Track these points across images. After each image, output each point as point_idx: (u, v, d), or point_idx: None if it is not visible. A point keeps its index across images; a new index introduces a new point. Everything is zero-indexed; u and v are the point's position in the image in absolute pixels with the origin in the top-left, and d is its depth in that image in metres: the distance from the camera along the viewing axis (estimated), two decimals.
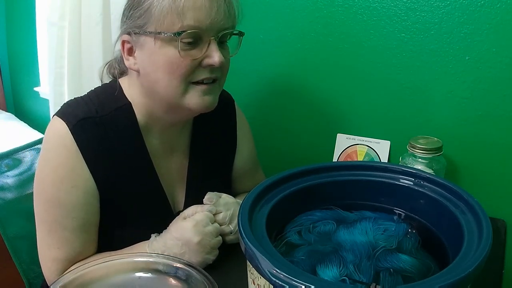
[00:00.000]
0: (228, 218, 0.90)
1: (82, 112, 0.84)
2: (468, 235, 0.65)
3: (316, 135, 1.33)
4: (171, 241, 0.85)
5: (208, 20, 0.78)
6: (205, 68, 0.82)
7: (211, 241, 0.85)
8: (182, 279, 0.79)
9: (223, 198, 0.92)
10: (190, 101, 0.83)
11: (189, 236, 0.83)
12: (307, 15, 1.25)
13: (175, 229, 0.86)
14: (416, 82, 1.15)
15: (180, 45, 0.78)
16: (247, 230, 0.64)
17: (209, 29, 0.79)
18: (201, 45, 0.80)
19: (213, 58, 0.80)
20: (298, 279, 0.54)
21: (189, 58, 0.80)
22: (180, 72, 0.80)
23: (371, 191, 0.83)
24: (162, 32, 0.78)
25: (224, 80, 0.89)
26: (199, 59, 0.81)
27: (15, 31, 2.24)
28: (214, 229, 0.86)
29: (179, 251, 0.84)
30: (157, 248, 0.85)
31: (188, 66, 0.80)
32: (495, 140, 1.08)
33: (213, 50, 0.80)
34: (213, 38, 0.80)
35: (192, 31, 0.78)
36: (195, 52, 0.80)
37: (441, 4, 1.07)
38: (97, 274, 0.79)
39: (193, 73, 0.81)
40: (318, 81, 1.29)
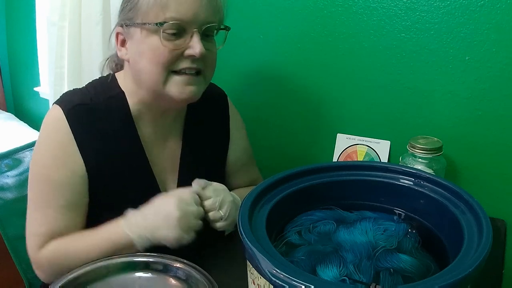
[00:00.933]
0: (218, 204, 0.89)
1: (78, 99, 0.89)
2: (468, 235, 0.65)
3: (316, 135, 1.33)
4: (150, 214, 0.84)
5: (191, 13, 0.83)
6: (187, 58, 0.85)
7: (191, 221, 0.83)
8: (182, 279, 0.79)
9: (213, 185, 0.91)
10: (170, 90, 0.86)
11: (170, 210, 0.82)
12: (307, 15, 1.25)
13: (158, 203, 0.85)
14: (416, 82, 1.15)
15: (163, 35, 0.82)
16: (247, 230, 0.64)
17: (192, 22, 0.83)
18: (185, 37, 0.84)
19: (194, 49, 0.83)
20: (298, 279, 0.55)
21: (171, 47, 0.83)
22: (162, 60, 0.84)
23: (371, 191, 0.83)
24: (147, 23, 0.83)
25: (210, 73, 0.92)
26: (181, 50, 0.84)
27: (15, 31, 2.24)
28: (197, 210, 0.85)
29: (155, 224, 0.82)
30: (134, 222, 0.84)
31: (170, 55, 0.84)
32: (495, 140, 1.08)
33: (195, 41, 0.84)
34: (196, 30, 0.84)
35: (174, 22, 0.82)
36: (177, 43, 0.84)
37: (441, 4, 1.07)
38: (97, 274, 0.79)
39: (175, 62, 0.85)
40: (318, 81, 1.29)
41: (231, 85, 1.44)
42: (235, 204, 0.92)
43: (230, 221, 0.90)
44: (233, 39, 1.39)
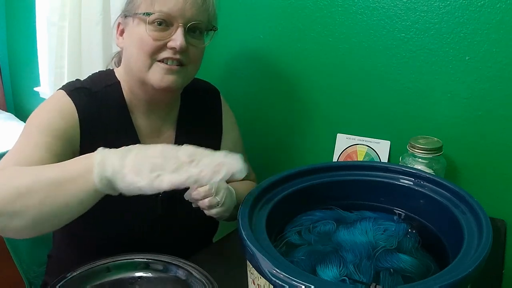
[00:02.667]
0: (214, 190, 0.89)
1: (79, 84, 0.95)
2: (468, 235, 0.65)
3: (316, 135, 1.33)
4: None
5: (176, 8, 0.89)
6: (169, 49, 0.90)
7: (168, 162, 0.69)
8: (182, 279, 0.79)
9: None
10: (152, 77, 0.91)
11: (152, 147, 0.72)
12: (307, 15, 1.25)
13: None
14: (416, 82, 1.15)
15: (149, 25, 0.89)
16: (247, 230, 0.64)
17: (178, 17, 0.89)
18: (170, 30, 0.90)
19: (176, 41, 0.89)
20: (298, 279, 0.55)
21: (155, 37, 0.89)
22: (147, 48, 0.89)
23: (371, 191, 0.83)
24: (138, 13, 0.90)
25: (193, 68, 0.96)
26: (165, 41, 0.90)
27: (15, 31, 2.24)
28: (180, 161, 0.69)
29: (125, 150, 0.72)
30: (106, 151, 0.73)
31: (154, 45, 0.89)
32: (495, 140, 1.08)
33: (178, 34, 0.89)
34: (181, 24, 0.89)
35: (159, 14, 0.88)
36: (162, 34, 0.90)
37: (441, 4, 1.07)
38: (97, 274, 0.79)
39: (159, 52, 0.90)
40: (318, 81, 1.29)
41: (231, 85, 1.44)
42: (230, 191, 0.94)
43: (225, 207, 0.92)
44: (234, 39, 1.39)
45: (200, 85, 1.11)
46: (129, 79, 0.96)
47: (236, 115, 1.45)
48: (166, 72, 0.91)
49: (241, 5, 1.34)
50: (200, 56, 0.97)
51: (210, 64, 1.46)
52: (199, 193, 0.88)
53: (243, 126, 1.44)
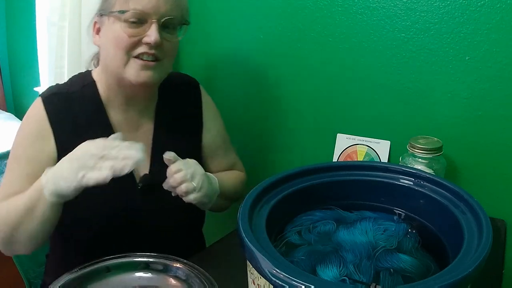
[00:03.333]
0: (190, 176, 0.92)
1: (55, 89, 1.00)
2: (468, 235, 0.65)
3: (316, 135, 1.33)
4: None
5: (150, 4, 0.91)
6: (144, 45, 0.93)
7: (87, 159, 0.81)
8: (182, 279, 0.79)
9: (184, 160, 0.95)
10: (128, 73, 0.94)
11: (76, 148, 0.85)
12: (307, 15, 1.25)
13: None
14: (416, 82, 1.15)
15: (124, 23, 0.92)
16: (247, 230, 0.64)
17: (152, 13, 0.92)
18: (145, 26, 0.93)
19: (150, 37, 0.92)
20: (298, 279, 0.54)
21: (131, 34, 0.92)
22: (123, 45, 0.92)
23: (371, 191, 0.83)
24: (113, 12, 0.93)
25: (168, 62, 0.99)
26: (140, 37, 0.92)
27: (15, 31, 2.24)
28: (98, 152, 0.81)
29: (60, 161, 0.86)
30: (50, 170, 0.87)
31: (130, 41, 0.92)
32: (495, 140, 1.08)
33: (152, 30, 0.92)
34: (155, 20, 0.92)
35: (134, 11, 0.91)
36: (137, 31, 0.92)
37: (441, 4, 1.07)
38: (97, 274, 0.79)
39: (134, 48, 0.93)
40: (318, 81, 1.29)
41: (232, 85, 1.44)
42: (208, 177, 0.97)
43: (203, 192, 0.94)
44: (234, 39, 1.39)
45: (178, 78, 1.13)
46: (107, 76, 0.99)
47: (236, 115, 1.45)
48: (142, 68, 0.93)
49: (241, 5, 1.34)
50: (174, 50, 0.99)
51: (210, 64, 1.46)
52: (176, 179, 0.91)
53: (243, 126, 1.45)
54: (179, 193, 0.92)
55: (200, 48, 1.46)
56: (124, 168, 0.80)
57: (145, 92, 1.02)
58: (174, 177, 0.91)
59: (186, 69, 1.49)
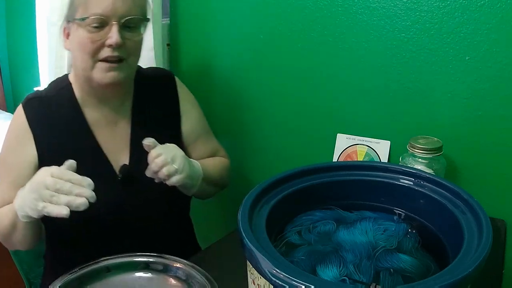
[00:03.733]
0: (171, 159, 0.95)
1: (33, 94, 1.05)
2: (468, 235, 0.65)
3: (316, 135, 1.33)
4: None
5: (109, 8, 0.94)
6: (108, 47, 0.96)
7: (41, 190, 0.84)
8: (182, 279, 0.79)
9: (164, 144, 0.98)
10: (95, 75, 0.97)
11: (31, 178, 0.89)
12: (307, 15, 1.25)
13: None
14: (416, 82, 1.15)
15: (86, 29, 0.95)
16: (247, 230, 0.64)
17: (112, 15, 0.94)
18: (106, 29, 0.95)
19: (112, 39, 0.94)
20: (298, 279, 0.54)
21: (94, 39, 0.95)
22: (88, 50, 0.96)
23: (371, 191, 0.83)
24: (76, 19, 0.96)
25: (133, 60, 1.02)
26: (103, 40, 0.95)
27: (15, 31, 2.24)
28: (51, 181, 0.84)
29: (22, 191, 0.89)
30: (20, 194, 0.90)
31: (94, 46, 0.95)
32: (495, 140, 1.08)
33: (113, 32, 0.95)
34: (115, 22, 0.94)
35: (94, 16, 0.93)
36: (100, 35, 0.95)
37: (441, 4, 1.07)
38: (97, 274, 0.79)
39: (99, 51, 0.96)
40: (318, 81, 1.29)
41: (231, 85, 1.44)
42: (188, 159, 1.00)
43: (185, 174, 0.96)
44: (233, 39, 1.39)
45: (153, 72, 1.17)
46: (78, 78, 1.03)
47: (235, 115, 1.45)
48: (108, 70, 0.97)
49: (241, 5, 1.34)
50: (138, 48, 1.02)
51: (209, 64, 1.46)
52: (157, 164, 0.93)
53: (243, 126, 1.45)
54: (162, 177, 0.94)
55: (199, 48, 1.46)
56: (79, 206, 0.83)
57: (116, 91, 1.04)
58: (155, 161, 0.93)
59: (185, 69, 1.49)
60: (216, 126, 1.25)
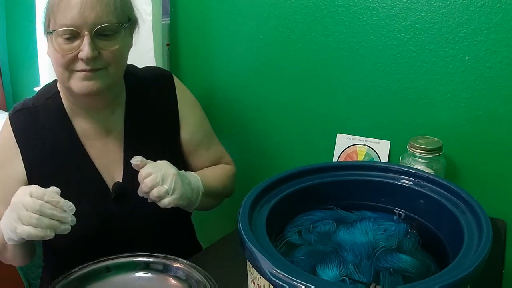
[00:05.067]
0: (160, 179, 0.87)
1: (21, 105, 1.00)
2: (468, 235, 0.65)
3: (316, 135, 1.33)
4: None
5: (76, 18, 0.86)
6: (81, 60, 0.89)
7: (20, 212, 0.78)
8: (182, 279, 0.79)
9: (154, 162, 0.91)
10: (73, 86, 0.91)
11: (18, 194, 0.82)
12: (307, 15, 1.25)
13: None
14: (416, 82, 1.14)
15: (57, 41, 0.88)
16: (247, 230, 0.64)
17: (82, 26, 0.87)
18: (79, 40, 0.88)
19: (83, 51, 0.87)
20: (298, 279, 0.54)
21: (65, 52, 0.88)
22: (61, 63, 0.89)
23: (371, 191, 0.83)
24: (48, 32, 0.90)
25: (114, 68, 0.93)
26: (76, 52, 0.88)
27: (15, 31, 2.24)
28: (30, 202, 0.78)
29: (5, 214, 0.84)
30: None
31: (65, 59, 0.89)
32: (495, 140, 1.08)
33: (84, 44, 0.87)
34: (87, 33, 0.87)
35: (62, 29, 0.87)
36: (71, 46, 0.88)
37: (441, 4, 1.07)
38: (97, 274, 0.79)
39: (72, 63, 0.89)
40: (318, 81, 1.29)
41: (231, 85, 1.44)
42: (181, 176, 0.91)
43: (178, 195, 0.89)
44: (233, 39, 1.39)
45: (148, 73, 1.08)
46: (61, 87, 0.98)
47: (235, 115, 1.45)
48: (84, 79, 0.90)
49: (241, 5, 1.34)
50: (119, 56, 0.93)
51: (209, 65, 1.46)
52: (146, 184, 0.87)
53: (242, 126, 1.45)
54: (152, 199, 0.88)
55: (199, 48, 1.46)
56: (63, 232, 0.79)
57: (101, 100, 0.97)
58: (144, 182, 0.88)
59: (185, 70, 1.49)
60: (215, 126, 1.25)
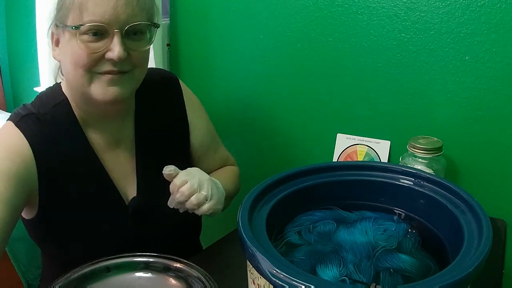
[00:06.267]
0: (197, 185, 0.84)
1: (24, 111, 0.87)
2: (468, 235, 0.65)
3: (316, 135, 1.33)
4: None
5: (108, 14, 0.78)
6: (108, 61, 0.81)
7: None
8: (182, 279, 0.79)
9: (185, 170, 0.87)
10: (94, 92, 0.83)
11: None
12: (307, 15, 1.25)
13: None
14: (416, 82, 1.15)
15: (81, 38, 0.79)
16: (247, 230, 0.64)
17: (112, 23, 0.79)
18: (107, 38, 0.80)
19: (113, 52, 0.79)
20: (298, 279, 0.54)
21: (90, 51, 0.79)
22: (83, 63, 0.80)
23: (371, 191, 0.83)
24: (67, 26, 0.80)
25: (139, 72, 0.87)
26: (102, 52, 0.80)
27: (15, 31, 2.24)
28: None
29: None
30: None
31: (89, 59, 0.80)
32: (495, 140, 1.08)
33: (115, 44, 0.79)
34: (117, 31, 0.79)
35: (91, 24, 0.78)
36: (98, 45, 0.80)
37: (441, 4, 1.07)
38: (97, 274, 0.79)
39: (97, 64, 0.81)
40: (318, 81, 1.29)
41: (231, 85, 1.44)
42: (214, 182, 0.89)
43: (215, 199, 0.87)
44: (234, 39, 1.39)
45: (153, 75, 0.99)
46: (73, 94, 0.88)
47: (235, 115, 1.45)
48: (109, 84, 0.82)
49: (241, 5, 1.34)
50: (145, 59, 0.87)
51: (209, 65, 1.46)
52: (183, 193, 0.84)
53: (243, 126, 1.45)
54: (190, 207, 0.84)
55: (199, 48, 1.46)
56: None
57: (117, 108, 0.91)
58: (180, 191, 0.83)
59: (185, 70, 1.49)
60: (215, 127, 1.25)
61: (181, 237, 1.02)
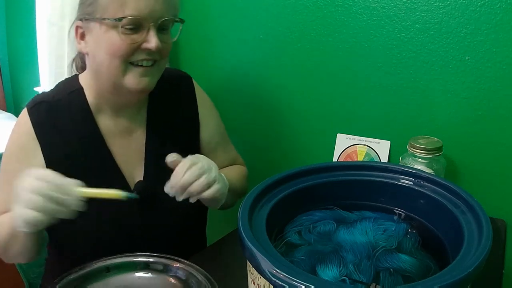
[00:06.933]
0: (207, 166, 0.87)
1: (40, 98, 0.96)
2: (468, 235, 0.65)
3: (316, 135, 1.33)
4: None
5: (147, 9, 0.87)
6: (143, 51, 0.89)
7: (26, 194, 0.76)
8: (182, 279, 0.79)
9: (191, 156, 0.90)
10: (128, 81, 0.90)
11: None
12: (307, 15, 1.25)
13: None
14: (416, 82, 1.15)
15: (121, 30, 0.86)
16: (247, 230, 0.64)
17: (149, 17, 0.87)
18: (142, 31, 0.88)
19: (151, 43, 0.88)
20: (298, 279, 0.54)
21: (129, 41, 0.87)
22: (120, 53, 0.88)
23: (371, 191, 0.83)
24: (106, 18, 0.87)
25: (164, 63, 0.96)
26: (139, 43, 0.88)
27: (15, 31, 2.24)
28: (34, 184, 0.76)
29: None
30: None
31: (128, 49, 0.88)
32: (495, 140, 1.08)
33: (151, 35, 0.88)
34: (153, 24, 0.88)
35: (132, 17, 0.86)
36: (135, 37, 0.88)
37: (441, 4, 1.07)
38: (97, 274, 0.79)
39: (133, 55, 0.89)
40: (318, 81, 1.29)
41: (231, 85, 1.44)
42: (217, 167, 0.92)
43: (221, 183, 0.90)
44: (234, 39, 1.39)
45: (169, 74, 1.06)
46: (99, 84, 0.94)
47: (234, 115, 1.45)
48: (142, 75, 0.90)
49: (241, 5, 1.34)
50: (169, 51, 0.96)
51: (209, 65, 1.46)
52: (193, 173, 0.85)
53: (242, 126, 1.45)
54: (198, 189, 0.85)
55: (200, 49, 1.46)
56: (69, 216, 0.78)
57: (140, 98, 0.99)
58: (191, 170, 0.85)
59: (185, 70, 1.49)
60: None
61: (186, 225, 1.04)
